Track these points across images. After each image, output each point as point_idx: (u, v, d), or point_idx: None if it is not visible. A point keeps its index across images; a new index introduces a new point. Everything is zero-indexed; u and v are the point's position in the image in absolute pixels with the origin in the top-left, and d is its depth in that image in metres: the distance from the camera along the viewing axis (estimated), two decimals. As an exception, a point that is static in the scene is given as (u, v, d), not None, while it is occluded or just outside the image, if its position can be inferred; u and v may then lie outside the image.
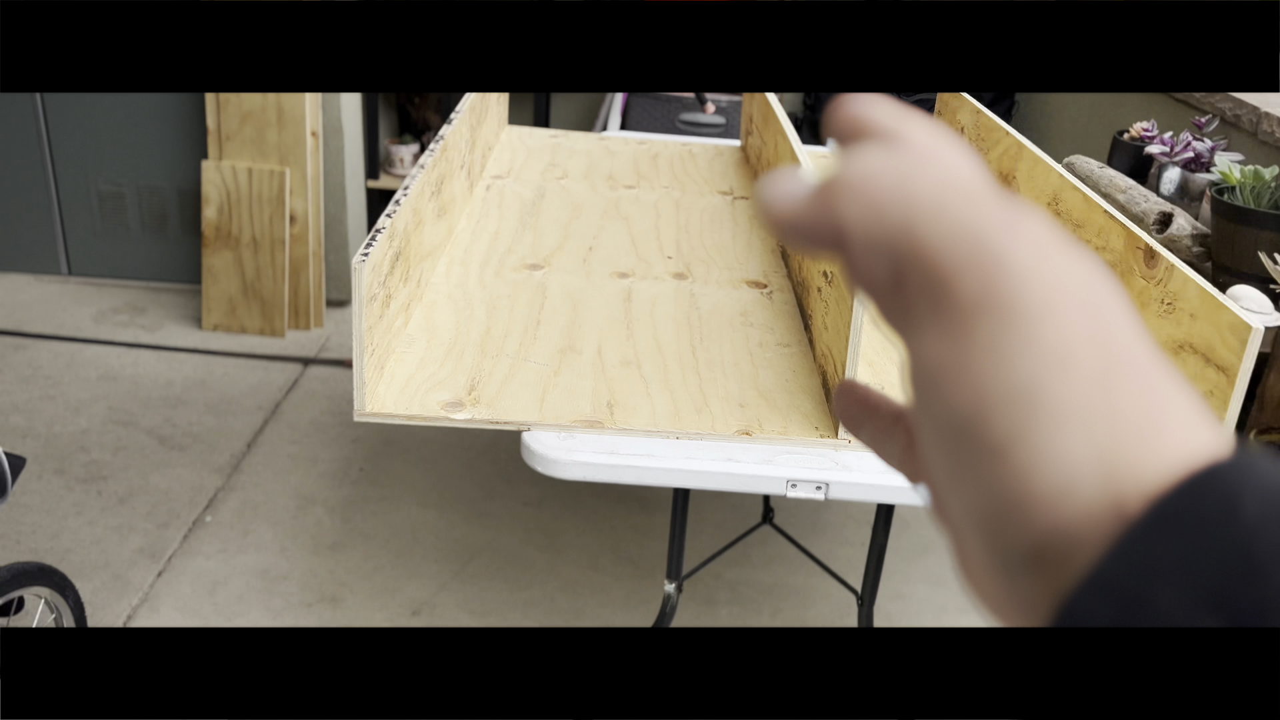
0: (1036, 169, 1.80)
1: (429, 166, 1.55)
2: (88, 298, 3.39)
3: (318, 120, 3.18)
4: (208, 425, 2.70)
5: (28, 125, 3.31)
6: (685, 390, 1.32)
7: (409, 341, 1.40)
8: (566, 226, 1.85)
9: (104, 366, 2.96)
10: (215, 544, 2.27)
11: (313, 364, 3.07)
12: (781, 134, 1.86)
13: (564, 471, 1.18)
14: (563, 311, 1.51)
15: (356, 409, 1.23)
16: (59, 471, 2.47)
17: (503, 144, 2.32)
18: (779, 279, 1.68)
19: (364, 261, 1.17)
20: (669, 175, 2.19)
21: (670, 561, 1.51)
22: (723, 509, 2.50)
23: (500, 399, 1.27)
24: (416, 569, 2.23)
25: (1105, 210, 1.53)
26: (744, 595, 2.22)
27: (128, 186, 3.38)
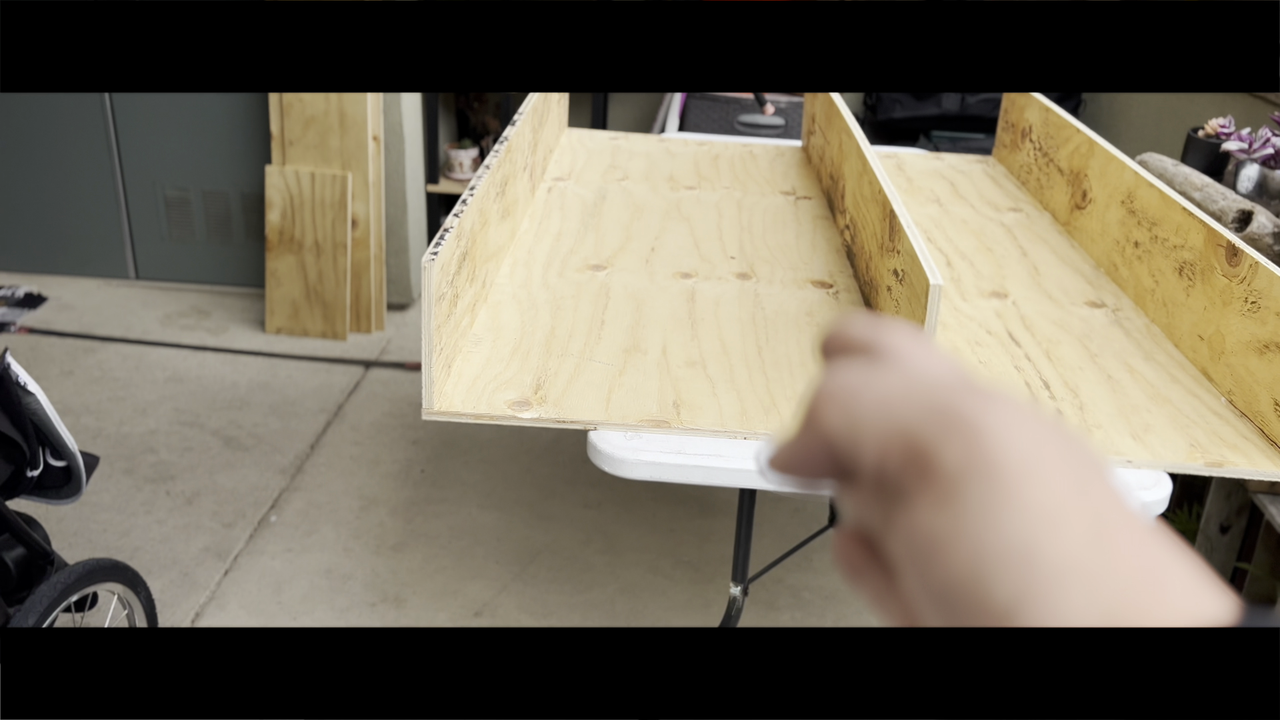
0: (1109, 166, 1.76)
1: (494, 167, 1.55)
2: (155, 301, 3.45)
3: (379, 125, 3.22)
4: (272, 427, 2.74)
5: (98, 133, 3.39)
6: (752, 390, 1.30)
7: (475, 341, 1.40)
8: (628, 227, 1.84)
9: (171, 369, 3.02)
10: (280, 544, 2.29)
11: (374, 366, 3.10)
12: (847, 132, 1.84)
13: (631, 471, 1.17)
14: (626, 312, 1.51)
15: (425, 407, 1.23)
16: (128, 471, 2.52)
17: (563, 146, 2.32)
18: (845, 279, 1.66)
19: (433, 260, 1.18)
20: (730, 176, 2.17)
21: (736, 564, 1.50)
22: (784, 513, 2.48)
23: (566, 398, 1.27)
24: (478, 570, 2.24)
25: (1184, 207, 1.49)
26: (806, 601, 2.19)
27: (193, 192, 3.44)
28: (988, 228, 1.91)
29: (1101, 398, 1.31)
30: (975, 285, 1.65)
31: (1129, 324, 1.54)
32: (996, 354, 1.42)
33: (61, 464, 1.61)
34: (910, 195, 2.08)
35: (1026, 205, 2.05)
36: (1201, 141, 2.15)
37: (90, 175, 3.45)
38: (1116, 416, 1.27)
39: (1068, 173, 1.93)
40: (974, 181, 2.19)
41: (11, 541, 1.55)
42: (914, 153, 2.41)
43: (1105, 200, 1.75)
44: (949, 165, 2.30)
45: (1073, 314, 1.56)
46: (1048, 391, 1.32)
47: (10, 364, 1.47)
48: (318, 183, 3.17)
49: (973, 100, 3.38)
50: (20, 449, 1.53)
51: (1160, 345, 1.47)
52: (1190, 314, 1.44)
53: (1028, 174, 2.15)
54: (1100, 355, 1.43)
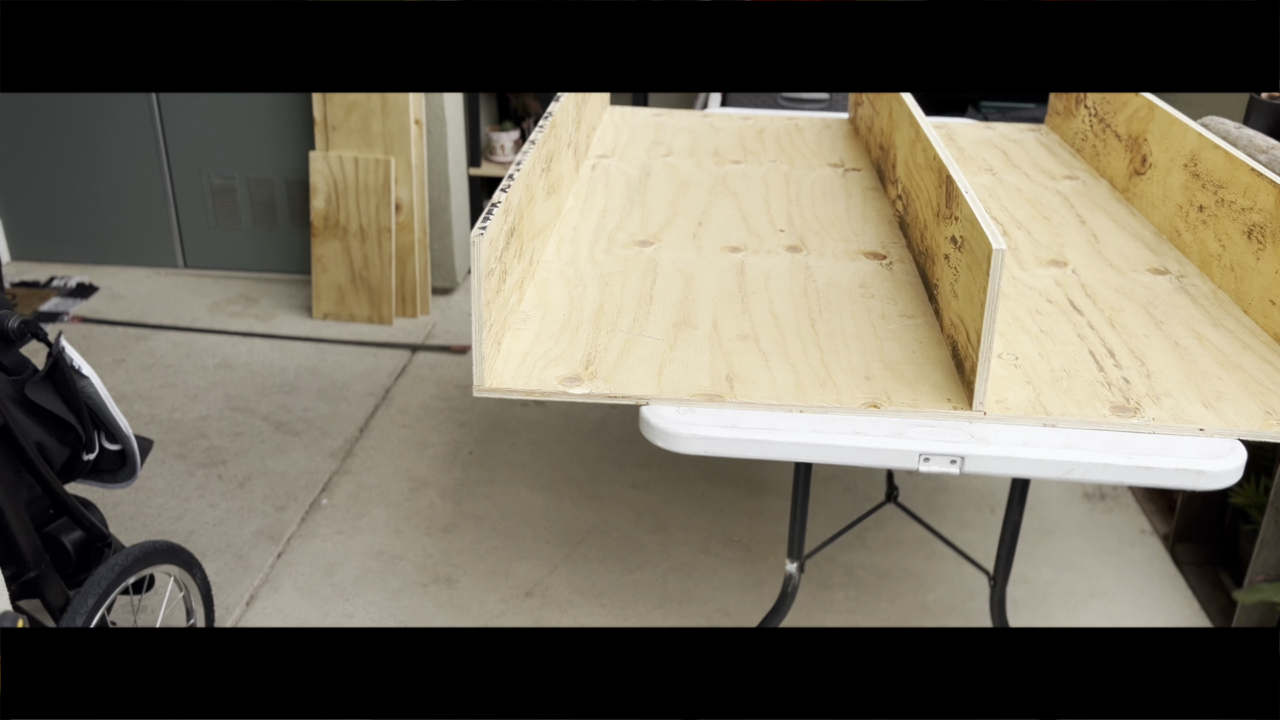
0: (1171, 129, 1.70)
1: (539, 143, 1.53)
2: (203, 289, 3.48)
3: (420, 109, 3.21)
4: (321, 411, 2.75)
5: (144, 125, 3.42)
6: (807, 363, 1.28)
7: (524, 318, 1.38)
8: (674, 203, 1.82)
9: (220, 355, 3.04)
10: (332, 526, 2.30)
11: (420, 350, 3.10)
12: (898, 100, 1.80)
13: (684, 446, 1.15)
14: (675, 287, 1.48)
15: (476, 384, 1.22)
16: (180, 456, 2.54)
17: (606, 124, 2.30)
18: (898, 249, 1.62)
19: (483, 234, 1.16)
20: (776, 149, 2.14)
21: (791, 541, 1.47)
22: (836, 490, 2.45)
23: (617, 373, 1.25)
24: (528, 550, 2.23)
25: (1252, 168, 1.44)
26: (860, 579, 2.16)
27: (239, 180, 3.46)
28: (1043, 196, 1.86)
29: (1169, 365, 1.27)
30: (1033, 254, 1.61)
31: (1195, 290, 1.49)
32: (1058, 322, 1.38)
33: (116, 448, 1.62)
34: (962, 165, 2.04)
35: (1082, 173, 1.99)
36: (1265, 103, 2.08)
37: (137, 167, 3.48)
38: (1186, 384, 1.23)
39: (1126, 138, 1.87)
40: (1027, 150, 2.14)
41: (70, 524, 1.56)
42: (964, 123, 2.36)
43: (1167, 165, 1.70)
44: (1000, 134, 2.25)
45: (1135, 281, 1.51)
46: (1113, 359, 1.28)
47: (65, 348, 1.48)
48: (361, 167, 3.18)
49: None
50: (76, 432, 1.54)
51: (1229, 311, 1.42)
52: (1261, 278, 1.39)
53: (1083, 141, 2.09)
54: (1166, 322, 1.39)
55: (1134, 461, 1.10)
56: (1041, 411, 1.17)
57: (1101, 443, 1.13)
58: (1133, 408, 1.17)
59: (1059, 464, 1.11)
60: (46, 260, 3.65)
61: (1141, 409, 1.17)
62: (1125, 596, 2.12)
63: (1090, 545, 2.27)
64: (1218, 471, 1.09)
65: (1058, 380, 1.23)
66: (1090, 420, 1.15)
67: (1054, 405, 1.18)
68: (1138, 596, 2.12)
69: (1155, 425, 1.15)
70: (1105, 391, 1.21)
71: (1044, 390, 1.21)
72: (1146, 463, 1.10)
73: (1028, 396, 1.20)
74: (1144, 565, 2.21)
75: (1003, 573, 1.51)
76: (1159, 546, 2.27)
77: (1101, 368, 1.26)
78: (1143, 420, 1.15)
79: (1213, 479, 1.09)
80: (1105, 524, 2.34)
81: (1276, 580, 1.78)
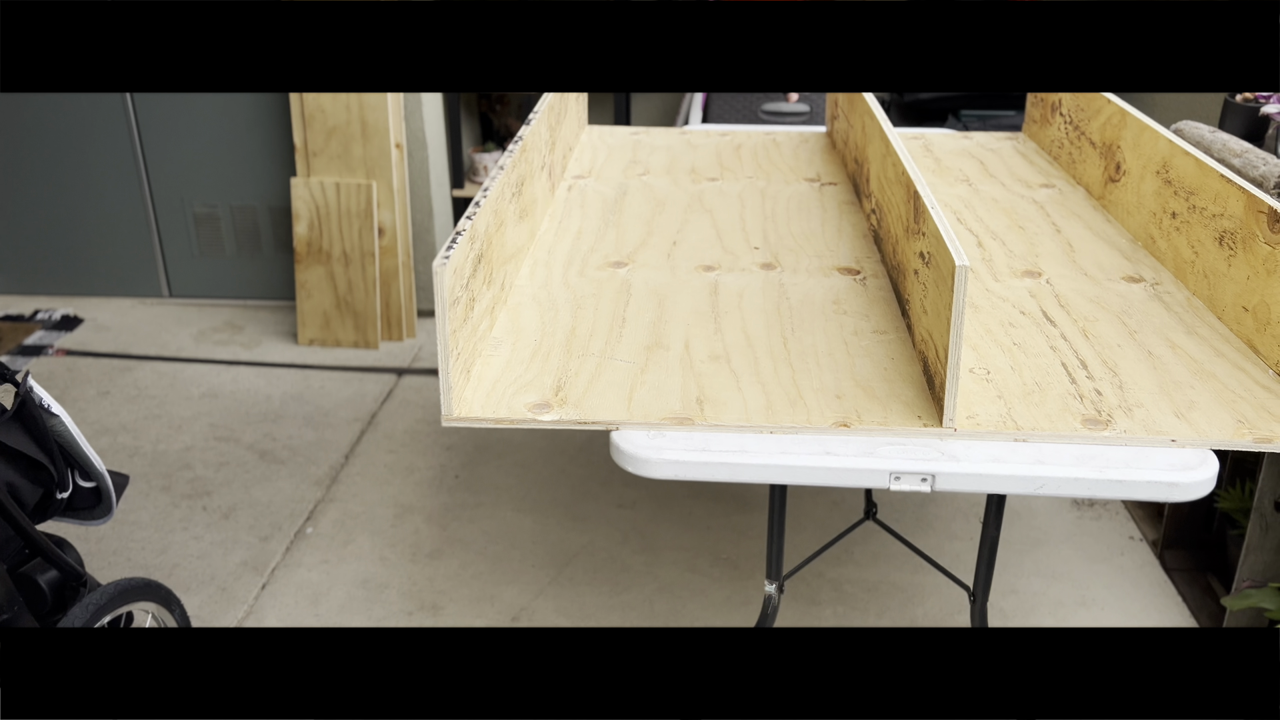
0: (1143, 136, 1.70)
1: (508, 168, 1.52)
2: (188, 318, 3.47)
3: (401, 132, 3.21)
4: (306, 438, 2.74)
5: (125, 155, 3.41)
6: (778, 383, 1.27)
7: (495, 345, 1.38)
8: (649, 222, 1.81)
9: (205, 384, 3.03)
10: (317, 555, 2.29)
11: (406, 374, 3.09)
12: (870, 115, 1.79)
13: (654, 470, 1.14)
14: (648, 308, 1.48)
15: (444, 414, 1.21)
16: (165, 489, 2.53)
17: (583, 144, 2.29)
18: (872, 264, 1.62)
19: (445, 265, 1.15)
20: (753, 165, 2.13)
21: (770, 561, 1.46)
22: (823, 505, 2.44)
23: (587, 399, 1.24)
24: (514, 574, 2.22)
25: (1221, 175, 1.44)
26: (848, 594, 2.15)
27: (221, 208, 3.46)
28: (1019, 205, 1.86)
29: (1142, 375, 1.26)
30: (1008, 265, 1.60)
31: (1169, 298, 1.48)
32: (1031, 334, 1.37)
33: (91, 485, 1.61)
34: (939, 176, 2.03)
35: (1059, 181, 1.99)
36: (1240, 106, 2.08)
37: (120, 196, 3.48)
38: (1159, 394, 1.22)
39: (1100, 145, 1.87)
40: (1004, 159, 2.13)
41: (44, 564, 1.55)
42: (942, 133, 2.36)
43: (1140, 172, 1.70)
44: (978, 144, 2.25)
45: (1110, 290, 1.51)
46: (1085, 371, 1.27)
47: (33, 387, 1.47)
48: (343, 192, 3.17)
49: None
50: (48, 471, 1.53)
51: (1203, 318, 1.42)
52: (1233, 285, 1.38)
53: (1059, 149, 2.09)
54: (1140, 331, 1.38)
55: (1105, 475, 1.09)
56: (1012, 426, 1.16)
57: (1073, 456, 1.12)
58: (1104, 420, 1.17)
59: (1030, 479, 1.10)
60: (31, 293, 3.64)
61: (1113, 421, 1.17)
62: (1115, 605, 2.11)
63: (1079, 554, 2.26)
64: (1189, 483, 1.08)
65: (1029, 394, 1.22)
66: (1061, 434, 1.15)
67: (1025, 419, 1.17)
68: (1127, 604, 2.11)
69: (1127, 437, 1.14)
70: (1077, 404, 1.20)
71: (1015, 404, 1.20)
72: (1118, 476, 1.09)
73: (999, 411, 1.19)
74: (1133, 573, 2.20)
75: (982, 588, 1.50)
76: (1148, 553, 2.26)
77: (1074, 380, 1.25)
78: (1114, 432, 1.14)
79: (1185, 490, 1.08)
80: (1094, 532, 2.33)
81: (1264, 585, 1.77)
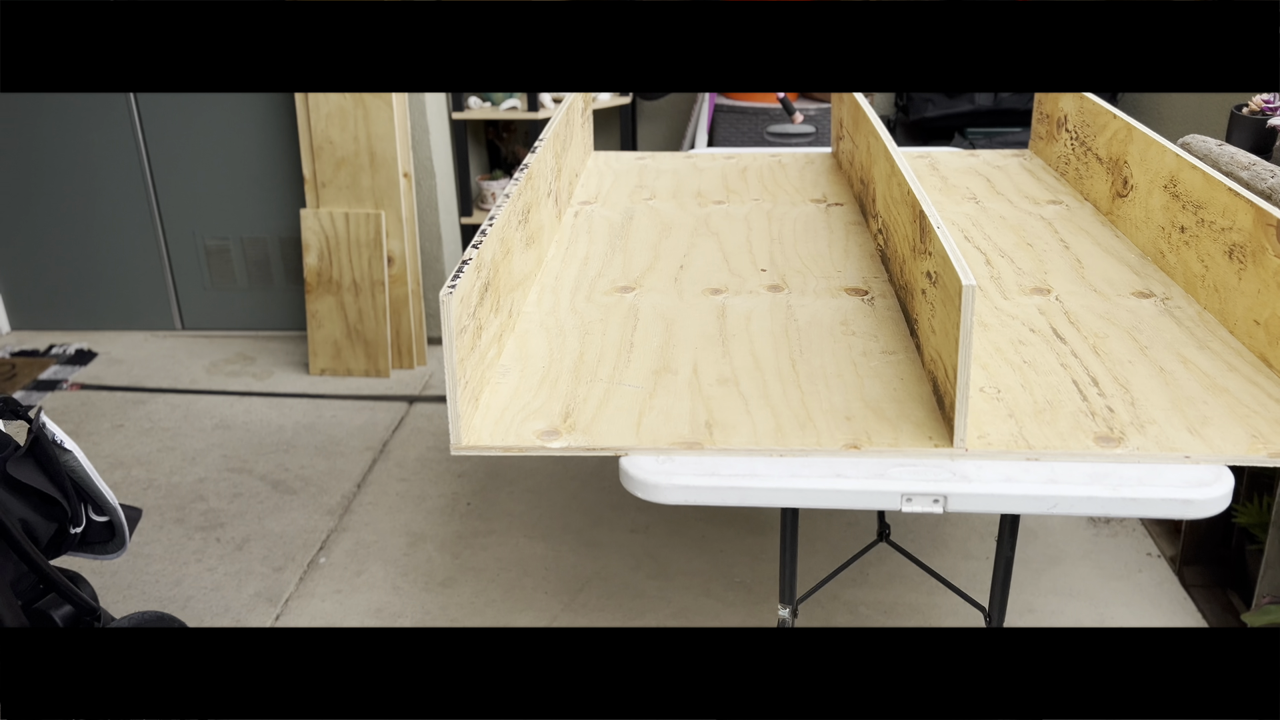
0: (1149, 151, 1.69)
1: (514, 196, 1.53)
2: (201, 350, 3.49)
3: (409, 161, 3.23)
4: (318, 468, 2.74)
5: (136, 189, 3.44)
6: (787, 405, 1.26)
7: (503, 372, 1.38)
8: (656, 247, 1.82)
9: (218, 416, 3.04)
10: (330, 585, 2.28)
11: (417, 401, 3.10)
12: (874, 135, 1.80)
13: (664, 496, 1.14)
14: (656, 332, 1.48)
15: (453, 442, 1.21)
16: (178, 521, 2.53)
17: (589, 170, 2.30)
18: (880, 284, 1.61)
19: (451, 293, 1.16)
20: (759, 187, 2.14)
21: (783, 585, 1.45)
22: (838, 527, 2.42)
23: (596, 425, 1.24)
24: (527, 601, 2.21)
25: (1229, 188, 1.43)
26: (864, 616, 2.13)
27: (232, 240, 3.48)
28: (1027, 222, 1.86)
29: (1154, 391, 1.26)
30: (1016, 282, 1.60)
31: (1180, 313, 1.47)
32: (1041, 352, 1.36)
33: (104, 519, 1.61)
34: (945, 194, 2.03)
35: (1066, 197, 1.99)
36: (1246, 119, 2.07)
37: (132, 231, 3.51)
38: (1171, 410, 1.21)
39: (1107, 160, 1.87)
40: (1011, 176, 2.13)
41: (57, 600, 1.55)
42: (948, 151, 2.36)
43: (1147, 186, 1.69)
44: (984, 161, 2.25)
45: (1120, 306, 1.50)
46: (1096, 388, 1.26)
47: (46, 423, 1.48)
48: (352, 222, 3.19)
49: (1006, 94, 3.31)
50: (61, 507, 1.54)
51: (1214, 333, 1.41)
52: (1244, 298, 1.37)
53: (1066, 165, 2.09)
54: (1151, 347, 1.37)
55: (1119, 493, 1.08)
56: (1024, 445, 1.15)
57: (1085, 475, 1.11)
58: (1116, 437, 1.16)
59: (1043, 499, 1.09)
60: (45, 329, 3.66)
61: (1126, 438, 1.16)
62: (1134, 622, 2.09)
63: (1097, 571, 2.24)
64: (1204, 500, 1.07)
65: (1040, 412, 1.22)
66: (1073, 452, 1.14)
67: (1036, 438, 1.16)
68: (1147, 622, 2.09)
69: (1140, 454, 1.13)
70: (1089, 422, 1.19)
71: (1026, 423, 1.19)
72: (1132, 493, 1.08)
73: (1010, 430, 1.18)
74: (1152, 590, 2.18)
75: (998, 608, 1.49)
76: (1166, 570, 2.23)
77: (1085, 397, 1.25)
78: (1127, 450, 1.14)
79: (1200, 507, 1.07)
80: (1111, 549, 2.31)
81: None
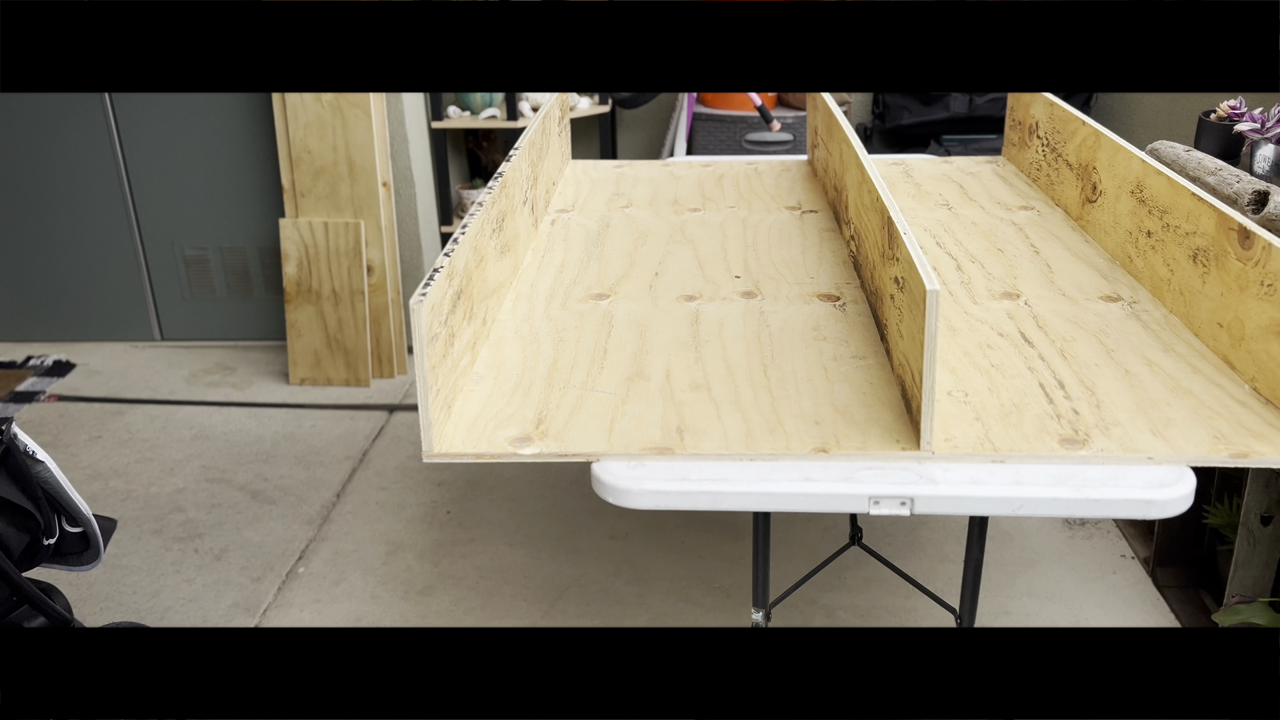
0: (1117, 157, 1.72)
1: (488, 204, 1.54)
2: (180, 361, 3.48)
3: (388, 171, 3.23)
4: (298, 478, 2.74)
5: (115, 200, 3.44)
6: (757, 410, 1.27)
7: (476, 379, 1.38)
8: (632, 254, 1.83)
9: (197, 426, 3.03)
10: (309, 595, 2.28)
11: (398, 410, 3.10)
12: (847, 142, 1.81)
13: (634, 501, 1.15)
14: (630, 339, 1.49)
15: (425, 450, 1.22)
16: (156, 532, 2.52)
17: (567, 178, 2.31)
18: (852, 290, 1.63)
19: (422, 301, 1.16)
20: (735, 195, 2.15)
21: (756, 589, 1.46)
22: (815, 531, 2.44)
23: (568, 431, 1.24)
24: (506, 609, 2.21)
25: (1193, 193, 1.45)
26: (840, 619, 2.15)
27: (211, 250, 3.48)
28: (999, 228, 1.88)
29: (1119, 393, 1.27)
30: (986, 287, 1.61)
31: (1146, 316, 1.49)
32: (1009, 356, 1.38)
33: (78, 530, 1.61)
34: (918, 201, 2.05)
35: (1038, 202, 2.01)
36: (1214, 125, 2.10)
37: (110, 241, 3.50)
38: (1135, 412, 1.23)
39: (1077, 166, 1.89)
40: (983, 182, 2.15)
41: (31, 612, 1.55)
42: (922, 158, 2.38)
43: (1115, 192, 1.71)
44: (958, 168, 2.27)
45: (1088, 310, 1.52)
46: (1062, 391, 1.28)
47: (17, 434, 1.47)
48: (331, 232, 3.19)
49: (981, 101, 3.34)
50: (34, 518, 1.53)
51: (1180, 335, 1.43)
52: (1208, 301, 1.39)
53: (1038, 171, 2.11)
54: (1117, 350, 1.39)
55: (1083, 494, 1.09)
56: (990, 448, 1.16)
57: (1050, 476, 1.12)
58: (1081, 439, 1.17)
59: (1008, 501, 1.10)
60: (23, 340, 3.65)
61: (1090, 440, 1.17)
62: (1108, 624, 2.10)
63: (1071, 574, 2.26)
64: (1166, 500, 1.09)
65: (1007, 415, 1.23)
66: (1039, 454, 1.15)
67: (1002, 441, 1.18)
68: (1121, 623, 2.10)
69: (1104, 456, 1.14)
70: (1054, 424, 1.21)
71: (993, 426, 1.21)
72: (1095, 495, 1.09)
73: (977, 433, 1.19)
74: (1126, 591, 2.20)
75: (968, 610, 1.50)
76: (1140, 571, 2.25)
77: (1051, 400, 1.26)
78: (1091, 452, 1.15)
79: (1162, 507, 1.09)
80: (1086, 551, 2.33)
81: (1253, 601, 1.77)
